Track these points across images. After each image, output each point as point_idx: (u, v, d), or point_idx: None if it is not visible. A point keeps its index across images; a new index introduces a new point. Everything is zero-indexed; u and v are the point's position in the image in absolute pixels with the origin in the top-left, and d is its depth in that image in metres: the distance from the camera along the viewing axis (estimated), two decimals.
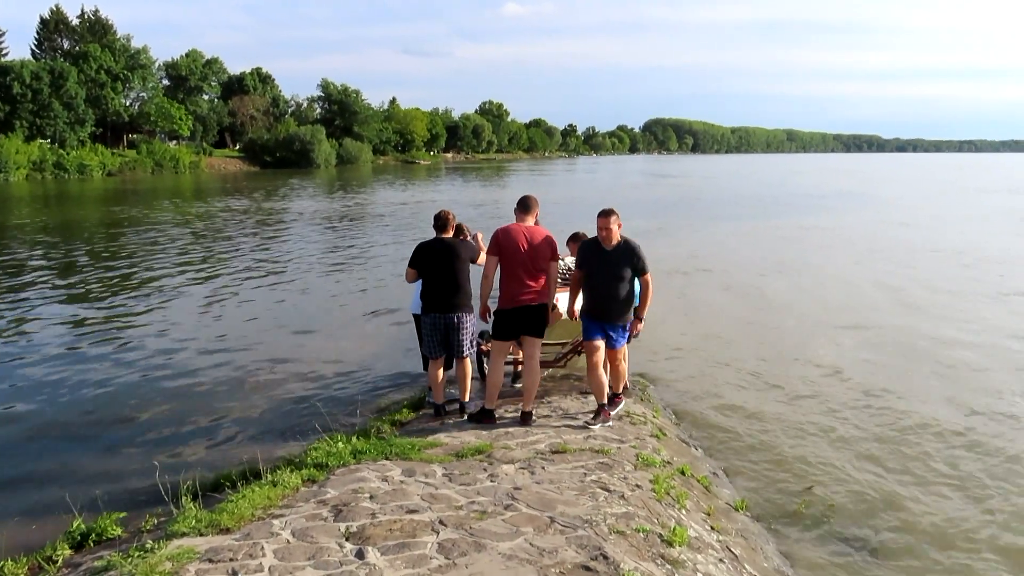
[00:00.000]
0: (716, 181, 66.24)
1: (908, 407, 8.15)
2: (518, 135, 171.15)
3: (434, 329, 6.64)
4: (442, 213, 6.72)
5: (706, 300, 14.05)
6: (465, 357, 6.76)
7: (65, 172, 65.19)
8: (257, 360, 9.85)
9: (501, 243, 6.28)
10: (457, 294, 6.60)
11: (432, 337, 6.67)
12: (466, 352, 6.74)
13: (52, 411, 8.03)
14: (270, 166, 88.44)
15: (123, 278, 16.28)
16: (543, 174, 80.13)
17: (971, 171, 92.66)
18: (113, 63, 78.43)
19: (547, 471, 5.27)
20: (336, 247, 21.53)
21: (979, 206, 37.93)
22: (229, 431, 7.43)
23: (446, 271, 6.56)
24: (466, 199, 40.66)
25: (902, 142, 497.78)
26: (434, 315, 6.62)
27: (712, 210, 34.87)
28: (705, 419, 7.89)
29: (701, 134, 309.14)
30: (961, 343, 10.86)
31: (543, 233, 6.39)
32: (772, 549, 5.22)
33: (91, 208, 36.67)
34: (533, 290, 6.29)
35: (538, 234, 6.34)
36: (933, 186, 58.69)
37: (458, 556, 3.88)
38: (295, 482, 5.06)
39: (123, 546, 4.05)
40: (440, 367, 6.83)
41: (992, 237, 23.93)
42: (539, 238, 6.31)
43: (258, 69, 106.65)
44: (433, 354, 6.73)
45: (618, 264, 6.27)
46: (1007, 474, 6.54)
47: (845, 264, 18.40)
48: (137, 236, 23.87)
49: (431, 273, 6.60)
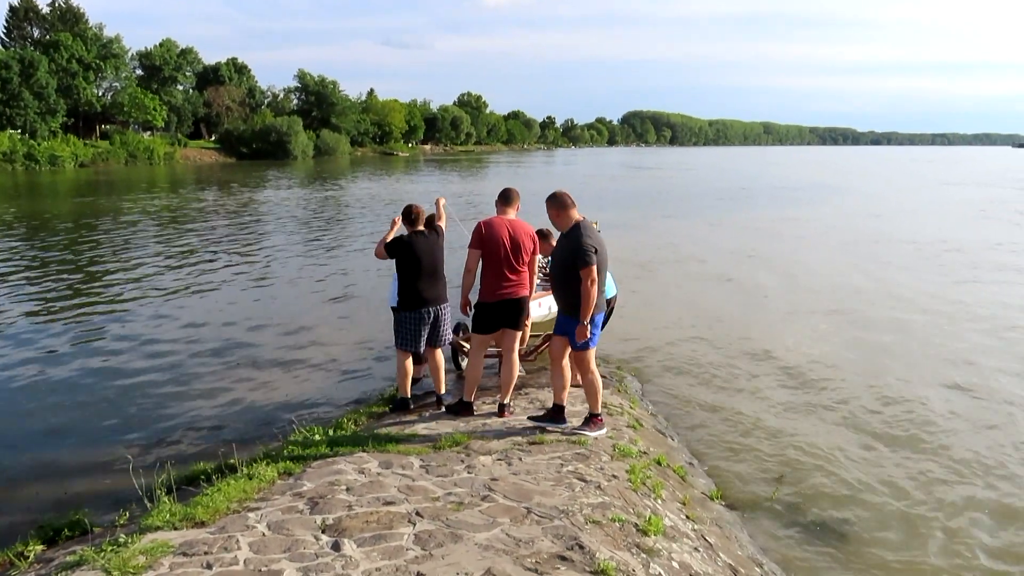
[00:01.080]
0: (694, 173, 66.59)
1: (882, 395, 8.29)
2: (497, 127, 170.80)
3: (422, 323, 6.63)
4: (412, 207, 6.71)
5: (682, 291, 14.15)
6: (440, 347, 6.84)
7: (36, 163, 63.96)
8: (232, 353, 9.77)
9: (483, 236, 6.20)
10: (440, 285, 6.72)
11: (418, 330, 6.64)
12: (446, 342, 6.82)
13: (23, 406, 7.92)
14: (246, 157, 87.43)
15: (95, 271, 16.06)
16: (521, 166, 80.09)
17: (942, 165, 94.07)
18: (85, 52, 77.09)
19: (524, 462, 5.29)
20: (312, 239, 21.39)
21: (945, 199, 38.64)
22: (204, 425, 7.38)
23: (431, 264, 6.61)
24: (444, 191, 40.53)
25: (877, 135, 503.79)
26: (422, 309, 6.60)
27: (688, 202, 35.11)
28: (681, 409, 7.97)
29: (679, 127, 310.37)
30: (932, 328, 11.08)
31: (525, 226, 6.37)
32: (746, 537, 5.29)
33: (63, 200, 36.07)
34: (514, 283, 6.26)
35: (520, 227, 6.30)
36: (905, 180, 59.45)
37: (435, 547, 3.89)
38: (271, 475, 5.03)
39: (96, 541, 4.01)
40: (410, 359, 6.82)
41: (956, 228, 24.44)
42: (521, 231, 6.28)
43: (234, 59, 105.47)
44: (411, 347, 6.70)
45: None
46: (980, 460, 6.68)
47: (818, 255, 18.68)
48: (110, 228, 23.54)
49: (416, 267, 6.57)
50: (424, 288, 6.58)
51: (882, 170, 77.40)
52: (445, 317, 6.78)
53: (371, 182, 49.67)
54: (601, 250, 5.76)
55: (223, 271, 15.98)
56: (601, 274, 5.78)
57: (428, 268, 6.59)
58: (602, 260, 5.77)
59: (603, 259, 5.80)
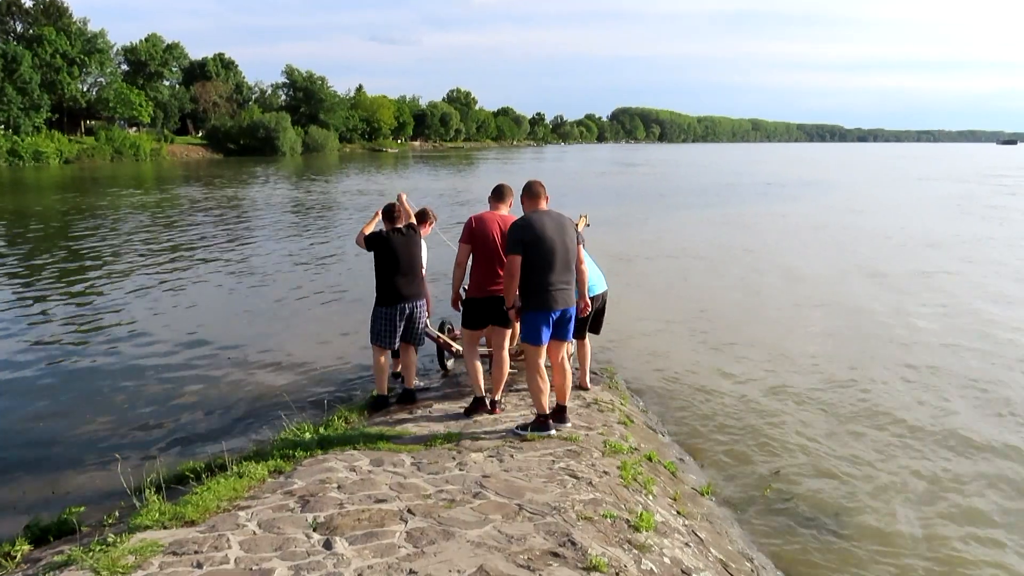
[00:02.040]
0: (682, 169, 66.76)
1: (874, 389, 8.35)
2: (486, 123, 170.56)
3: (399, 318, 6.70)
4: (394, 205, 6.86)
5: (671, 286, 14.19)
6: (415, 344, 6.98)
7: (20, 159, 63.25)
8: (221, 352, 9.71)
9: (474, 231, 6.21)
10: (418, 282, 6.83)
11: (393, 326, 6.72)
12: (421, 340, 7.00)
13: (9, 405, 7.84)
14: (234, 153, 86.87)
15: (81, 270, 15.92)
16: (511, 162, 79.99)
17: (926, 161, 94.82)
18: (69, 47, 76.26)
19: (515, 459, 5.29)
20: (300, 237, 21.29)
21: (925, 194, 39.02)
22: (194, 423, 7.33)
23: (408, 261, 6.70)
24: (433, 187, 40.43)
25: (864, 132, 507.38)
26: (398, 305, 6.69)
27: (676, 198, 35.19)
28: (672, 405, 7.99)
29: (668, 123, 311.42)
30: (919, 321, 11.15)
31: None
32: (737, 533, 5.31)
33: (48, 196, 35.71)
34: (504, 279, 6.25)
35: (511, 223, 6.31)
36: (889, 176, 59.81)
37: (426, 544, 3.88)
38: (261, 473, 5.01)
39: (84, 540, 3.98)
40: (385, 356, 6.88)
41: (934, 222, 24.75)
42: None
43: (220, 55, 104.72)
44: (387, 343, 6.76)
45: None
46: (974, 455, 6.74)
47: (804, 249, 18.76)
48: (96, 226, 23.33)
49: (393, 263, 6.66)
50: (401, 284, 6.68)
51: (869, 166, 77.91)
52: (421, 314, 6.87)
53: (359, 178, 49.46)
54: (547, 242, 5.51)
55: (210, 268, 15.88)
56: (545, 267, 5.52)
57: (405, 264, 6.69)
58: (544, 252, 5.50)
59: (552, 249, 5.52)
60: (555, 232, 5.60)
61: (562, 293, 5.64)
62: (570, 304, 5.76)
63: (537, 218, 5.63)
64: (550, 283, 5.57)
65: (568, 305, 5.74)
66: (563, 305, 5.67)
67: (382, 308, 6.71)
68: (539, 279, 5.56)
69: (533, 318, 5.63)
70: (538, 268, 5.54)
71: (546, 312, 5.61)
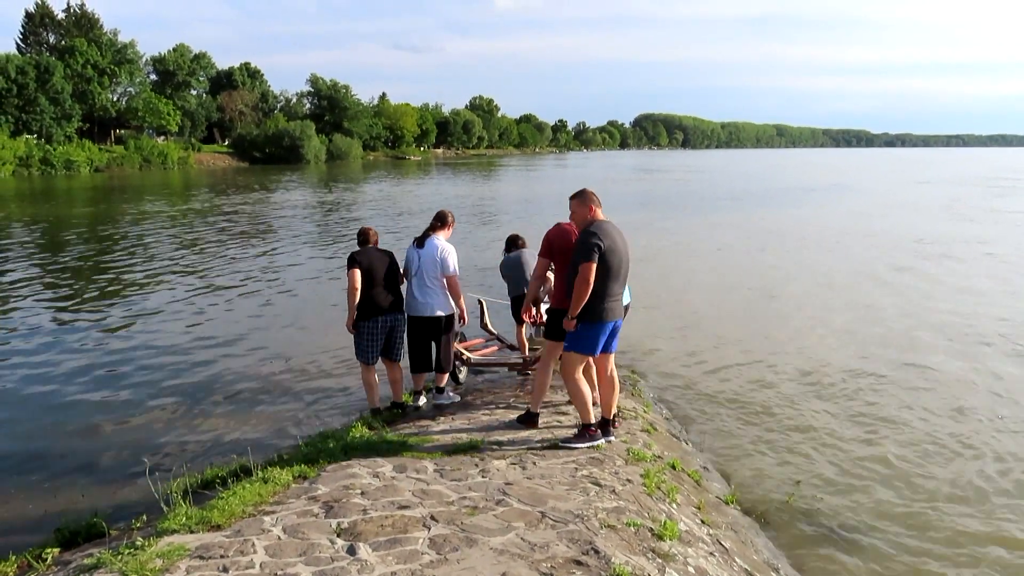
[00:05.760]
0: (706, 176, 66.37)
1: (899, 400, 8.22)
2: (508, 131, 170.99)
3: (381, 331, 6.80)
4: (366, 230, 7.06)
5: (696, 293, 14.07)
6: (397, 361, 7.05)
7: (52, 168, 64.56)
8: (247, 359, 9.82)
9: (553, 243, 5.89)
10: (397, 297, 6.93)
11: (374, 341, 6.81)
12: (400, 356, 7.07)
13: (40, 411, 7.98)
14: (259, 162, 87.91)
15: (111, 275, 16.17)
16: (534, 169, 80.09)
17: (953, 165, 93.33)
18: (100, 58, 77.77)
19: (538, 466, 5.28)
20: (326, 244, 21.46)
21: (945, 198, 38.36)
22: (220, 429, 7.41)
23: (385, 274, 6.79)
24: (456, 195, 40.57)
25: (891, 137, 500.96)
26: (379, 318, 6.76)
27: (700, 204, 34.98)
28: (696, 413, 7.93)
29: (691, 129, 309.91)
30: (958, 332, 10.96)
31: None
32: (762, 542, 5.25)
33: (79, 205, 36.37)
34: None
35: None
36: (913, 183, 58.97)
37: (449, 551, 3.88)
38: (286, 479, 5.05)
39: (113, 544, 4.03)
40: (373, 371, 6.99)
41: (942, 225, 24.22)
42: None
43: (247, 64, 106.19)
44: (368, 359, 6.87)
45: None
46: (1002, 472, 6.59)
47: (839, 258, 18.51)
48: (125, 234, 23.72)
49: (369, 276, 6.72)
50: (379, 296, 6.76)
51: (897, 172, 76.83)
52: (400, 330, 6.96)
53: (384, 185, 49.79)
54: (618, 253, 5.51)
55: (240, 275, 16.05)
56: (613, 277, 5.49)
57: (381, 278, 6.77)
58: (616, 263, 5.50)
59: (618, 262, 5.52)
60: (622, 242, 5.60)
61: (618, 304, 5.64)
62: (621, 316, 5.75)
63: (608, 227, 5.57)
64: (612, 293, 5.52)
65: (620, 317, 5.73)
66: (619, 317, 5.68)
67: (363, 323, 6.79)
68: (605, 289, 5.47)
69: (592, 328, 5.53)
70: (607, 278, 5.46)
71: (607, 323, 5.56)
